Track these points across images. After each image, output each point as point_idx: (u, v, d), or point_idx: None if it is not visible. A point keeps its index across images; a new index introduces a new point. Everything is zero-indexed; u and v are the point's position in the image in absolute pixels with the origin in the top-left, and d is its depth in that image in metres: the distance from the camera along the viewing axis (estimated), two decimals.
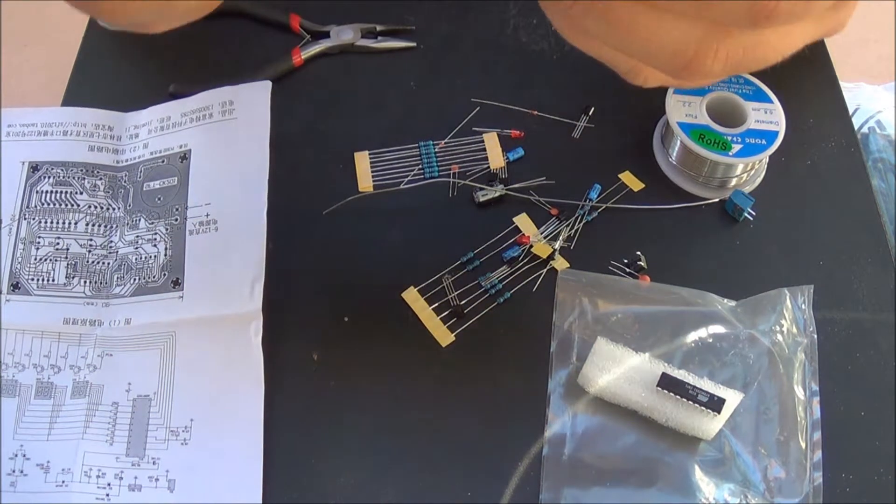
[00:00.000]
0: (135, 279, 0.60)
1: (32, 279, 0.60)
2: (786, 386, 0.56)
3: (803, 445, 0.55)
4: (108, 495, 0.53)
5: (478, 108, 0.68)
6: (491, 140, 0.67)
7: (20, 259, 0.60)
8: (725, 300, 0.59)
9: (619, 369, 0.56)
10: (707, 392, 0.54)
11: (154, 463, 0.54)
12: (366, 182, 0.65)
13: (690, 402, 0.54)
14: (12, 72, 1.56)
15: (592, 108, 0.68)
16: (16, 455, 0.54)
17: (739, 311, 0.59)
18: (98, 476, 0.54)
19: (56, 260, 0.61)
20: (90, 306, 0.59)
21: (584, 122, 0.68)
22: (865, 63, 1.48)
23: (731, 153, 0.62)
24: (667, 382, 0.55)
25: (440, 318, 0.59)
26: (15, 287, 0.59)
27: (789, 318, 0.59)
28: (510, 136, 0.67)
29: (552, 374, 0.57)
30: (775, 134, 0.63)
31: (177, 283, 0.60)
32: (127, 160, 0.65)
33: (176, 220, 0.62)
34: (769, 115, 0.63)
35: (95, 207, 0.63)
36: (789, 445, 0.55)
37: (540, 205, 0.64)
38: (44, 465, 0.54)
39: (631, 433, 0.55)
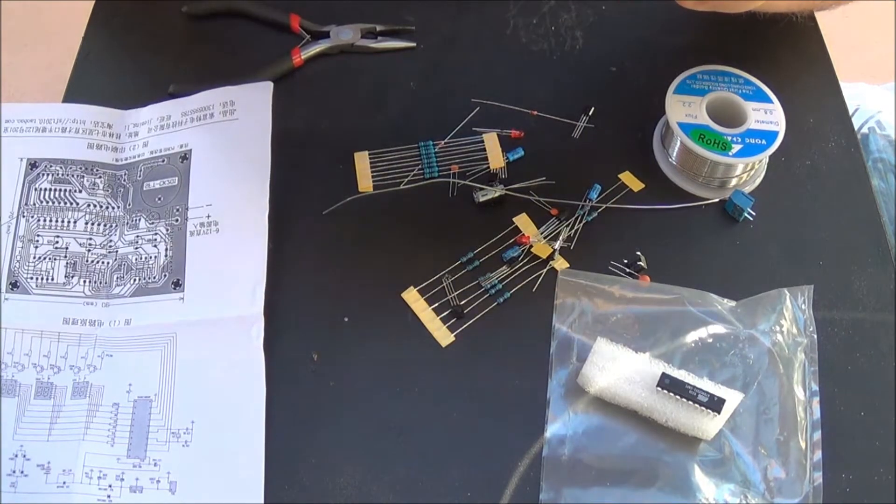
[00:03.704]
0: (135, 279, 0.60)
1: (31, 278, 0.60)
2: (786, 386, 0.56)
3: (803, 445, 0.55)
4: (109, 496, 0.53)
5: (478, 108, 0.68)
6: (491, 140, 0.67)
7: (19, 257, 0.60)
8: (725, 300, 0.59)
9: (619, 369, 0.56)
10: (707, 392, 0.54)
11: (155, 464, 0.54)
12: (366, 182, 0.65)
13: (690, 402, 0.54)
14: (12, 72, 1.55)
15: (592, 108, 0.68)
16: (16, 455, 0.54)
17: (739, 311, 0.59)
18: (99, 477, 0.54)
19: (55, 259, 0.61)
20: (90, 306, 0.59)
21: (584, 122, 0.68)
22: (865, 63, 1.48)
23: (731, 153, 0.62)
24: (667, 382, 0.55)
25: (440, 319, 0.59)
26: (14, 286, 0.59)
27: (789, 318, 0.59)
28: (510, 136, 0.67)
29: (552, 375, 0.57)
30: (775, 134, 0.63)
31: (177, 285, 0.60)
32: (126, 158, 0.65)
33: (176, 220, 0.62)
34: (769, 115, 0.63)
35: (95, 206, 0.63)
36: (789, 445, 0.55)
37: (540, 205, 0.64)
38: (44, 465, 0.54)
39: (631, 433, 0.55)
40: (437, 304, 0.60)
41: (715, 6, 0.58)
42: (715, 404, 0.54)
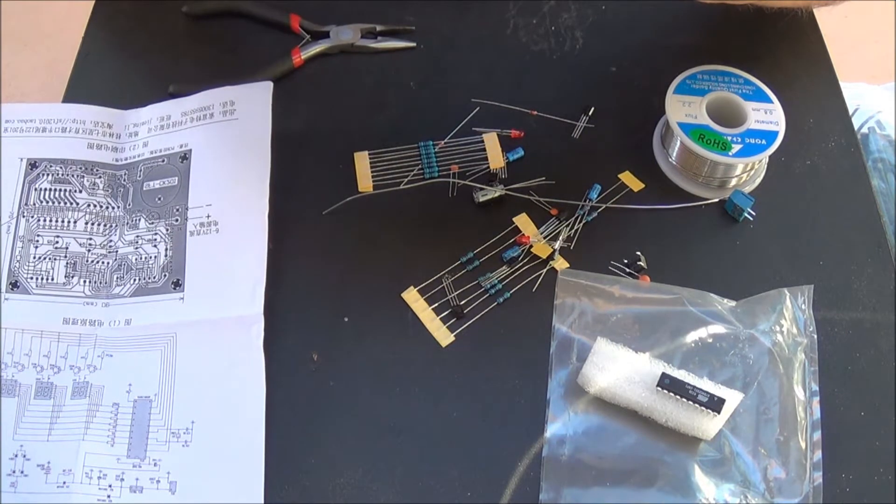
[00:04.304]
0: (135, 279, 0.60)
1: (31, 278, 0.60)
2: (786, 386, 0.56)
3: (803, 445, 0.55)
4: (109, 496, 0.53)
5: (478, 108, 0.68)
6: (491, 140, 0.67)
7: (19, 257, 0.60)
8: (725, 300, 0.59)
9: (619, 369, 0.56)
10: (707, 392, 0.54)
11: (155, 464, 0.54)
12: (366, 182, 0.65)
13: (690, 402, 0.54)
14: (12, 72, 1.55)
15: (592, 108, 0.68)
16: (16, 455, 0.54)
17: (739, 311, 0.59)
18: (99, 477, 0.54)
19: (55, 259, 0.61)
20: (90, 306, 0.59)
21: (584, 122, 0.68)
22: (865, 63, 1.48)
23: (731, 153, 0.62)
24: (667, 382, 0.55)
25: (440, 318, 0.59)
26: (14, 286, 0.59)
27: (789, 318, 0.59)
28: (510, 136, 0.67)
29: (552, 375, 0.57)
30: (775, 134, 0.63)
31: (177, 285, 0.60)
32: (126, 158, 0.65)
33: (176, 220, 0.62)
34: (769, 115, 0.63)
35: (95, 206, 0.63)
36: (789, 445, 0.55)
37: (540, 205, 0.64)
38: (44, 465, 0.54)
39: (631, 433, 0.55)
40: (437, 304, 0.60)
41: None
42: (715, 404, 0.54)
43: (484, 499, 0.54)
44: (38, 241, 0.61)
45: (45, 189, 0.63)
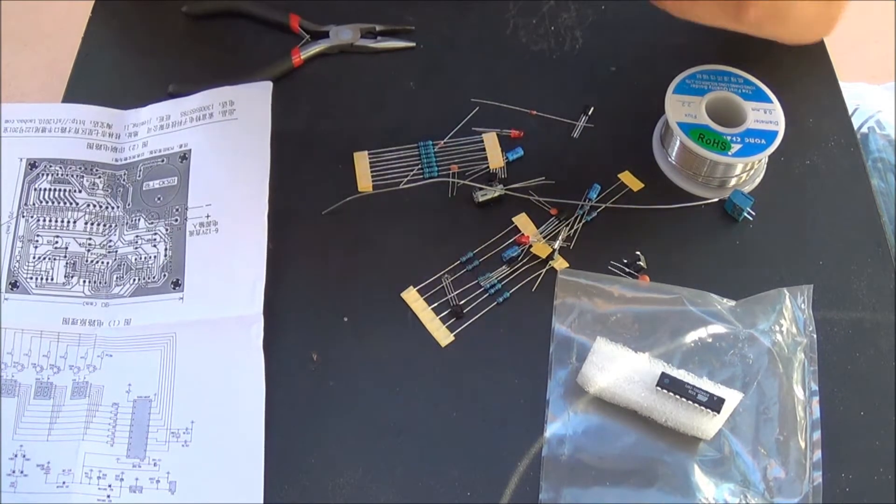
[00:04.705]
0: (134, 279, 0.60)
1: (31, 278, 0.60)
2: (785, 386, 0.56)
3: (803, 445, 0.55)
4: (108, 496, 0.53)
5: (477, 108, 0.68)
6: (490, 140, 0.67)
7: (18, 257, 0.60)
8: (725, 300, 0.59)
9: (618, 369, 0.56)
10: (707, 392, 0.54)
11: (155, 464, 0.54)
12: (365, 182, 0.65)
13: (690, 402, 0.54)
14: (12, 72, 1.55)
15: (592, 108, 0.68)
16: (15, 455, 0.54)
17: (739, 311, 0.59)
18: (99, 477, 0.54)
19: (55, 259, 0.61)
20: (89, 306, 0.59)
21: (583, 122, 0.68)
22: (865, 63, 1.48)
23: (730, 153, 0.62)
24: (666, 382, 0.55)
25: (440, 318, 0.59)
26: (13, 286, 0.59)
27: (789, 317, 0.59)
28: (510, 136, 0.67)
29: (552, 374, 0.57)
30: (775, 134, 0.63)
31: (177, 285, 0.60)
32: (126, 158, 0.65)
33: (176, 220, 0.62)
34: (769, 115, 0.63)
35: (94, 206, 0.63)
36: (789, 445, 0.55)
37: (539, 205, 0.64)
38: (44, 465, 0.54)
39: (631, 433, 0.55)
40: (436, 304, 0.60)
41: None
42: (714, 404, 0.54)
43: (484, 499, 0.54)
44: (37, 241, 0.61)
45: (45, 189, 0.63)
